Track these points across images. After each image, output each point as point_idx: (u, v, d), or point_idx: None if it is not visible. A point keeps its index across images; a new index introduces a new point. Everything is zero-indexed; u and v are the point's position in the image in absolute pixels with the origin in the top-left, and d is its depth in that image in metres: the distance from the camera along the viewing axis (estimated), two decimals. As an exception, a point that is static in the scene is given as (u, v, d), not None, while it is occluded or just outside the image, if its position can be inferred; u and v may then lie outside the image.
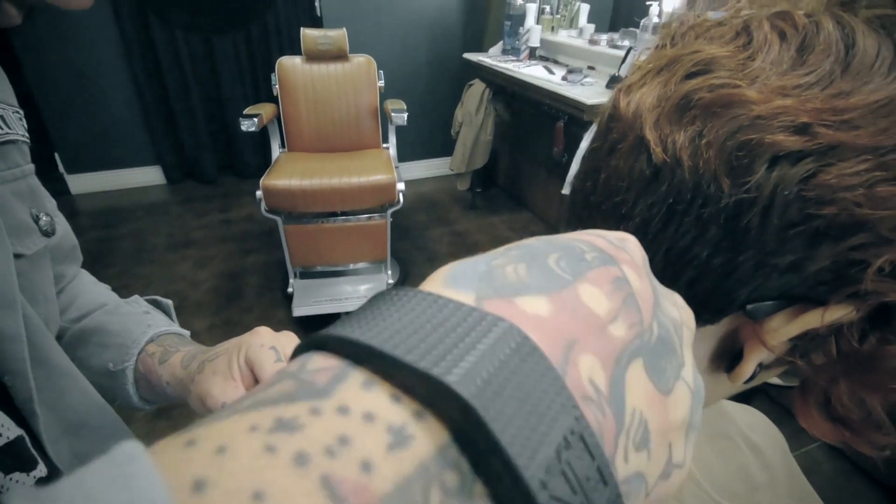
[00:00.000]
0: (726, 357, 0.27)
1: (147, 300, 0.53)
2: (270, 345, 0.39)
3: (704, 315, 0.25)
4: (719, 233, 0.22)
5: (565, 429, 0.11)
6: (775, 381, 0.33)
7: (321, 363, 0.11)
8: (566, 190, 1.92)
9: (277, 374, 0.12)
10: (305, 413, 0.10)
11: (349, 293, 2.02)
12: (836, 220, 0.21)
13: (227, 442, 0.09)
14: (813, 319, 0.23)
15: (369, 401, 0.10)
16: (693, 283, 0.24)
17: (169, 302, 0.54)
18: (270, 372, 0.37)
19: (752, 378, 0.27)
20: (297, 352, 0.12)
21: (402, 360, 0.10)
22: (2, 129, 0.37)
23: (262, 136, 1.94)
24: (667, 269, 0.24)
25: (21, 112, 0.41)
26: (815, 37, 0.22)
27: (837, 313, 0.23)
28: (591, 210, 0.27)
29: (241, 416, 0.10)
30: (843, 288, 0.22)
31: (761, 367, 0.26)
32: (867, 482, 1.42)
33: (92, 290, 0.52)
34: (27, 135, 0.41)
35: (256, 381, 0.38)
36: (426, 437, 0.10)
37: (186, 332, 0.51)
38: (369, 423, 0.10)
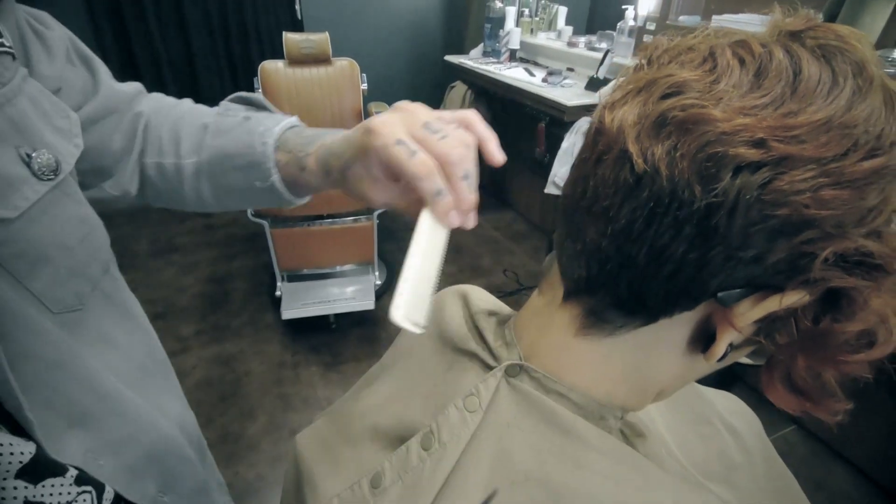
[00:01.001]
0: (701, 339, 0.31)
1: (234, 101, 0.51)
2: (395, 140, 0.33)
3: (682, 302, 0.28)
4: (693, 231, 0.26)
5: None
6: (744, 360, 0.37)
7: None
8: (549, 189, 1.97)
9: None
10: None
11: (337, 295, 2.04)
12: (789, 219, 0.25)
13: None
14: (773, 304, 0.27)
15: None
16: (672, 275, 0.27)
17: (258, 95, 0.51)
18: (412, 166, 0.32)
19: (723, 357, 0.31)
20: None
21: None
22: None
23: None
24: (650, 264, 0.27)
25: None
26: (768, 63, 0.26)
27: (793, 298, 0.27)
28: (581, 213, 0.30)
29: None
30: (796, 276, 0.26)
31: (731, 347, 0.30)
32: (839, 462, 1.50)
33: (185, 116, 0.49)
34: (6, 43, 0.32)
35: (397, 177, 0.36)
36: None
37: (293, 118, 0.48)
38: None
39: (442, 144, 0.33)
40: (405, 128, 0.33)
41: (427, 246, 0.32)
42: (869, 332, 0.27)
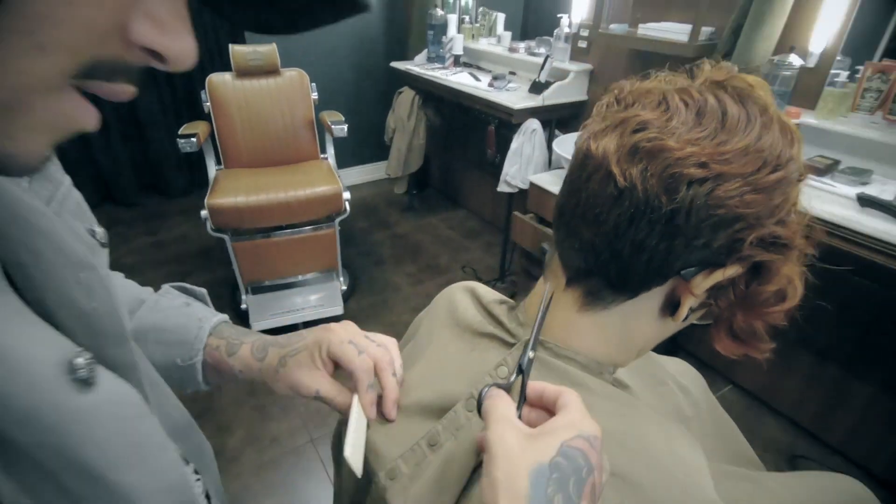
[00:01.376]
0: (669, 306, 0.42)
1: (175, 287, 0.55)
2: (348, 340, 0.45)
3: (656, 280, 0.39)
4: (662, 229, 0.36)
5: None
6: (698, 322, 0.48)
7: None
8: (501, 188, 2.09)
9: None
10: None
11: (303, 303, 2.06)
12: (726, 216, 0.35)
13: None
14: (718, 276, 0.38)
15: None
16: (648, 261, 0.37)
17: (203, 291, 0.55)
18: (358, 364, 0.44)
19: (686, 318, 0.42)
20: None
21: None
22: None
23: (187, 154, 1.91)
24: (632, 254, 0.37)
25: None
26: (704, 106, 0.36)
27: (731, 271, 0.38)
28: (577, 219, 0.40)
29: None
30: (733, 255, 0.37)
31: (691, 310, 0.41)
32: (768, 412, 1.72)
33: (121, 285, 0.52)
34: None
35: (338, 369, 0.45)
36: None
37: (226, 317, 0.54)
38: None
39: (379, 350, 0.46)
40: (353, 335, 0.47)
41: (357, 424, 0.43)
42: (782, 290, 0.39)
